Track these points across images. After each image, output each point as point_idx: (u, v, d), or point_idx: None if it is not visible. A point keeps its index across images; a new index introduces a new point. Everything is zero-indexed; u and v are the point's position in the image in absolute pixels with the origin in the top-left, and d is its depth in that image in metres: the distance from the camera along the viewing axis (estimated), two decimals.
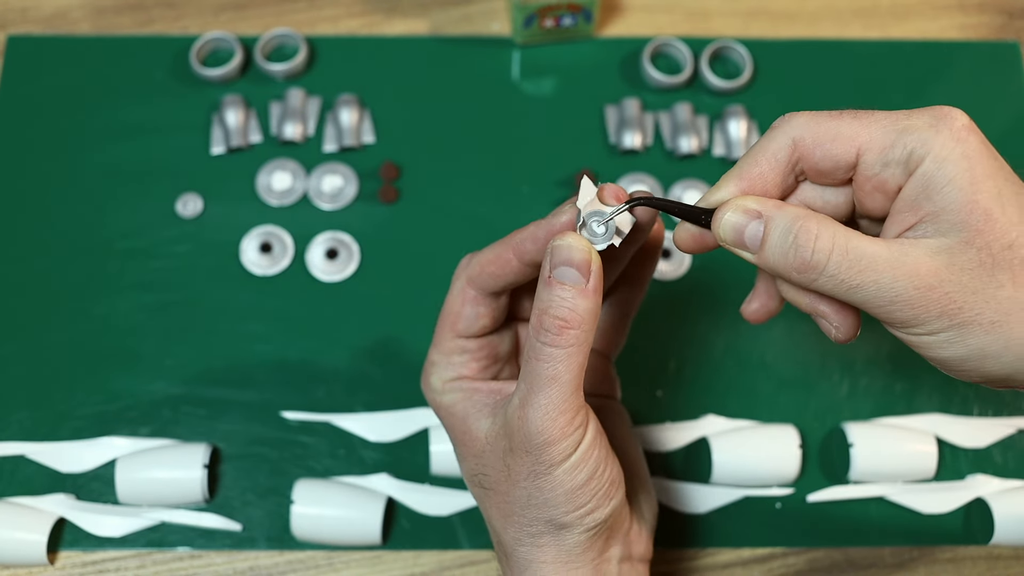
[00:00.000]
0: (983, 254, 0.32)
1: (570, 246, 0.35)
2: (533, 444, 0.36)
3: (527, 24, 0.65)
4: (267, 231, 0.62)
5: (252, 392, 0.58)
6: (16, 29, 0.67)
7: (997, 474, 0.56)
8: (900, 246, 0.33)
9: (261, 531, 0.55)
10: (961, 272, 0.32)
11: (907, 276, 0.32)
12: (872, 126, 0.34)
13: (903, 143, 0.33)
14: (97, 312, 0.59)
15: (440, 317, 0.42)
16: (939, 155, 0.32)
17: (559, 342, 0.35)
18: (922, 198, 0.33)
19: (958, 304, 0.32)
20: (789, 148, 0.35)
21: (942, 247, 0.32)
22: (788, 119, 0.35)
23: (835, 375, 0.59)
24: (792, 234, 0.34)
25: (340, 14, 0.69)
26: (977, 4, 0.70)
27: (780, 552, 0.55)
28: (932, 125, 0.33)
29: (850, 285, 0.33)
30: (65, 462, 0.55)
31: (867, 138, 0.34)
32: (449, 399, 0.41)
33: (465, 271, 0.41)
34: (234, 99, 0.64)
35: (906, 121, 0.33)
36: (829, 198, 0.37)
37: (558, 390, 0.36)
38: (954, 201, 0.32)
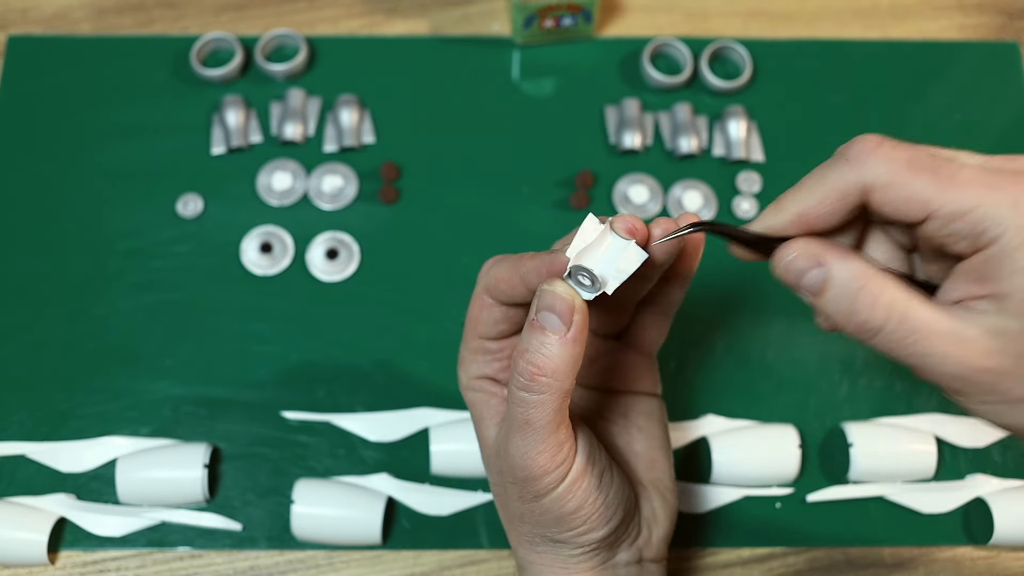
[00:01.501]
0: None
1: (554, 293, 0.35)
2: (517, 477, 0.38)
3: (527, 24, 0.65)
4: (267, 231, 0.62)
5: (252, 392, 0.58)
6: (17, 29, 0.68)
7: (997, 474, 0.56)
8: (958, 321, 0.32)
9: (261, 531, 0.55)
10: (1017, 359, 0.32)
11: (961, 355, 0.32)
12: (949, 192, 0.31)
13: (977, 218, 0.31)
14: (97, 312, 0.60)
15: (467, 315, 0.43)
16: (1012, 242, 0.31)
17: (532, 388, 0.35)
18: (988, 275, 0.32)
19: (1009, 386, 0.32)
20: (859, 192, 0.33)
21: (1000, 330, 0.32)
22: (865, 157, 0.32)
23: (835, 375, 0.59)
24: (852, 293, 0.33)
25: (340, 14, 0.69)
26: (976, 4, 0.70)
27: (780, 552, 0.55)
28: (1013, 204, 0.30)
29: (903, 352, 0.33)
30: (65, 462, 0.55)
31: (940, 205, 0.31)
32: (472, 396, 0.42)
33: (482, 280, 0.41)
34: (234, 99, 0.64)
35: (985, 191, 0.31)
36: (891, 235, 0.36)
37: (532, 434, 0.36)
38: (1020, 289, 0.31)
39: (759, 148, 0.65)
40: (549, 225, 0.62)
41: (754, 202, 0.63)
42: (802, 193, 0.34)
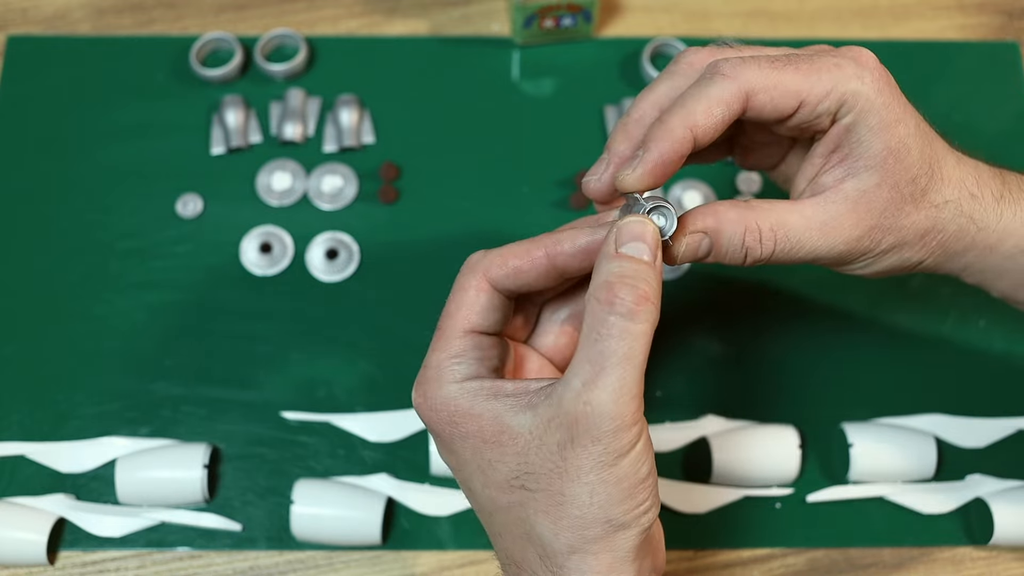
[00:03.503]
0: (892, 192, 0.38)
1: (642, 222, 0.35)
2: (603, 431, 0.33)
3: (527, 24, 0.65)
4: (267, 231, 0.62)
5: (252, 392, 0.58)
6: (16, 29, 0.68)
7: (997, 474, 0.56)
8: (826, 205, 0.38)
9: (261, 531, 0.55)
10: (880, 215, 0.38)
11: (837, 236, 0.38)
12: (811, 77, 0.36)
13: (836, 94, 0.36)
14: (97, 312, 0.59)
15: (444, 318, 0.38)
16: (864, 107, 0.37)
17: (638, 315, 0.33)
18: (843, 143, 0.38)
19: (876, 242, 0.39)
20: (741, 99, 0.36)
21: (859, 193, 0.38)
22: (737, 68, 0.36)
23: (835, 375, 0.59)
24: (741, 241, 0.37)
25: (340, 14, 0.69)
26: (976, 4, 0.70)
27: (780, 552, 0.55)
28: (857, 75, 0.37)
29: (795, 259, 0.39)
30: (65, 462, 0.55)
31: (807, 90, 0.36)
32: (469, 401, 0.36)
33: (480, 264, 0.38)
34: (234, 99, 0.64)
35: (837, 72, 0.37)
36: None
37: (632, 371, 0.33)
38: (871, 147, 0.37)
39: None
40: (549, 225, 0.61)
41: None
42: (687, 109, 0.36)
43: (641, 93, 0.40)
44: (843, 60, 0.37)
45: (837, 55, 0.37)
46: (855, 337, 0.60)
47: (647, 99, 0.40)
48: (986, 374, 0.59)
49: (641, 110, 0.39)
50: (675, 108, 0.36)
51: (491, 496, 0.36)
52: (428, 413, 0.37)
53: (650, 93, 0.40)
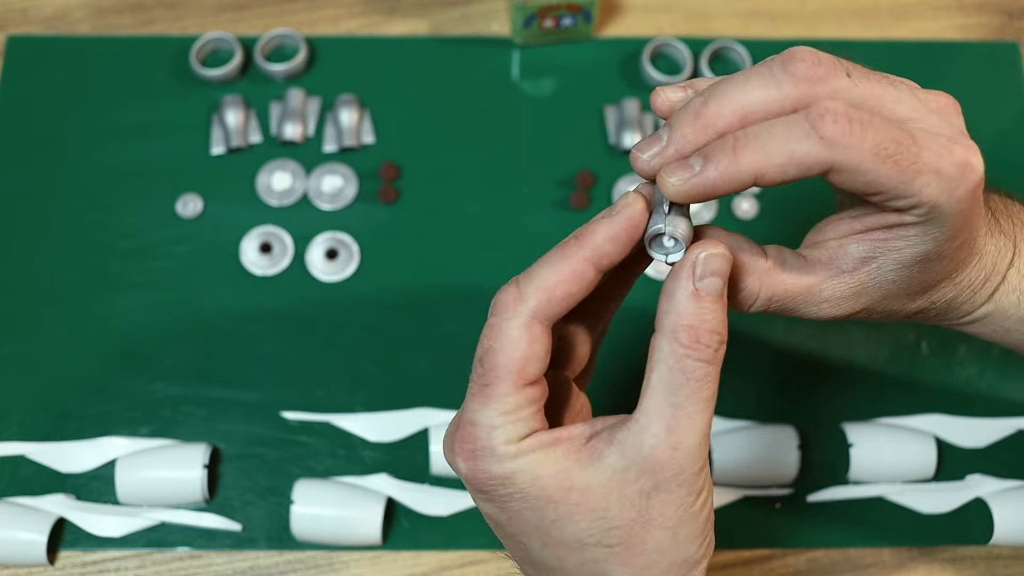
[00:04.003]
0: (904, 289, 0.37)
1: (724, 256, 0.33)
2: (689, 474, 0.32)
3: (527, 24, 0.65)
4: (267, 231, 0.62)
5: (252, 392, 0.58)
6: (16, 29, 0.68)
7: (997, 474, 0.56)
8: (832, 284, 0.37)
9: (261, 531, 0.55)
10: (879, 301, 0.37)
11: (830, 311, 0.37)
12: (905, 177, 0.32)
13: (917, 199, 0.33)
14: (97, 312, 0.59)
15: (488, 368, 0.33)
16: (935, 219, 0.34)
17: (716, 359, 0.32)
18: (896, 233, 0.35)
19: (865, 316, 0.38)
20: (823, 169, 0.32)
21: (874, 282, 0.36)
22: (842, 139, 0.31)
23: (835, 375, 0.59)
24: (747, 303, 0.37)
25: (340, 14, 0.69)
26: (977, 4, 0.70)
27: (780, 552, 0.55)
28: (951, 190, 0.32)
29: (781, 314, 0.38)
30: (65, 462, 0.55)
31: (894, 189, 0.32)
32: (529, 461, 0.33)
33: (524, 304, 0.33)
34: (234, 99, 0.64)
35: (930, 179, 0.32)
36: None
37: (712, 412, 0.33)
38: (914, 249, 0.35)
39: None
40: (549, 225, 0.62)
41: (754, 202, 0.63)
42: (765, 153, 0.32)
43: (731, 85, 0.33)
44: (948, 165, 0.32)
45: (949, 156, 0.32)
46: (855, 337, 0.60)
47: (735, 99, 0.33)
48: (986, 374, 0.59)
49: (723, 109, 0.33)
50: (752, 143, 0.32)
51: (556, 555, 0.34)
52: (478, 477, 0.34)
53: (741, 94, 0.33)
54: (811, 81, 0.32)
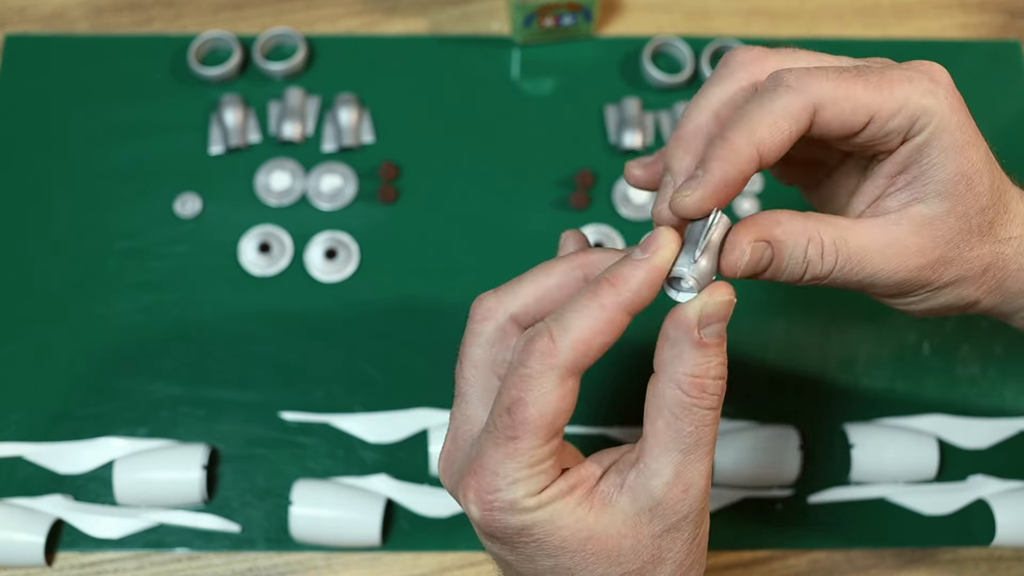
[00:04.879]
0: (961, 221, 0.35)
1: (729, 302, 0.32)
2: (696, 512, 0.33)
3: (527, 23, 0.65)
4: (266, 231, 0.61)
5: (251, 393, 0.58)
6: (14, 28, 0.67)
7: (999, 475, 0.56)
8: (888, 228, 0.35)
9: (260, 532, 0.54)
10: (945, 245, 0.35)
11: (900, 263, 0.35)
12: (883, 90, 0.33)
13: (909, 110, 0.33)
14: (95, 312, 0.59)
15: (518, 423, 0.32)
16: (938, 126, 0.33)
17: (719, 403, 0.33)
18: (912, 164, 0.34)
19: (938, 275, 0.36)
20: (809, 113, 0.33)
21: (927, 220, 0.35)
22: (803, 79, 0.33)
23: (836, 376, 0.59)
24: (803, 254, 0.34)
25: (339, 13, 0.69)
26: (978, 3, 0.70)
27: (781, 553, 0.55)
28: (931, 91, 0.34)
29: (853, 281, 0.35)
30: (63, 463, 0.55)
31: (879, 104, 0.33)
32: (548, 512, 0.32)
33: (559, 357, 0.31)
34: (233, 98, 0.64)
35: (910, 86, 0.33)
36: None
37: (713, 453, 0.33)
38: (943, 170, 0.34)
39: None
40: (549, 225, 0.62)
41: (755, 201, 0.63)
42: (751, 124, 0.33)
43: (693, 100, 0.36)
44: (915, 74, 0.34)
45: (909, 68, 0.34)
46: (856, 337, 0.60)
47: (701, 106, 0.35)
48: (988, 374, 0.59)
49: (696, 120, 0.35)
50: (737, 123, 0.33)
51: None
52: (492, 527, 0.33)
53: (703, 99, 0.35)
54: (756, 61, 0.35)
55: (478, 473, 0.33)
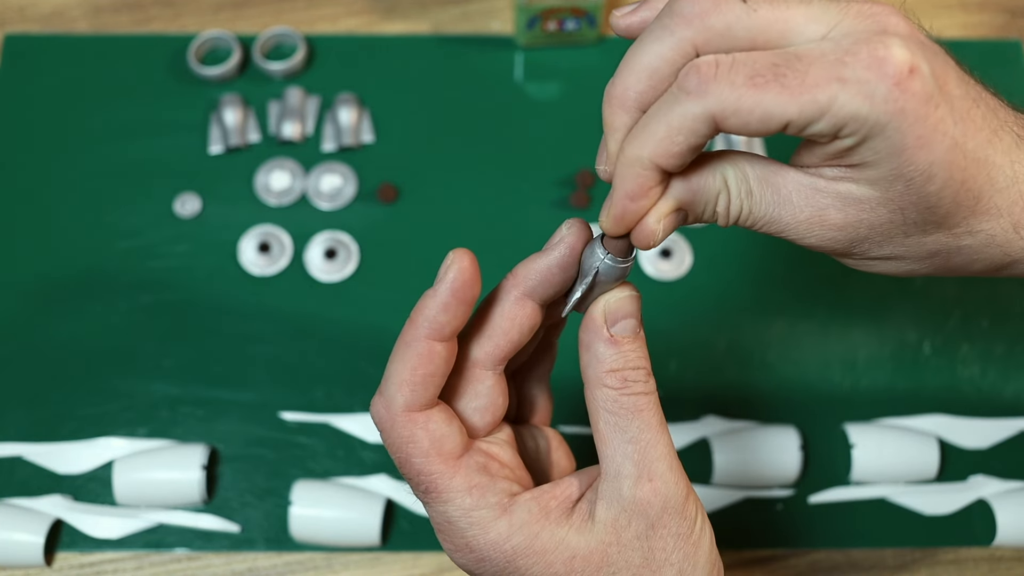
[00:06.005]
0: (895, 215, 0.31)
1: (629, 297, 0.33)
2: (676, 502, 0.33)
3: (530, 26, 0.65)
4: (265, 231, 0.61)
5: (251, 393, 0.57)
6: (14, 28, 0.67)
7: (999, 475, 0.56)
8: (809, 192, 0.32)
9: (259, 532, 0.54)
10: (870, 228, 0.32)
11: (811, 228, 0.32)
12: (801, 97, 0.28)
13: (831, 119, 0.29)
14: (94, 312, 0.59)
15: (415, 476, 0.33)
16: (869, 133, 0.29)
17: (649, 388, 0.33)
18: (844, 157, 0.30)
19: (863, 251, 0.33)
20: (708, 124, 0.30)
21: (853, 199, 0.31)
22: (706, 86, 0.29)
23: (836, 375, 0.59)
24: (715, 199, 0.32)
25: (339, 13, 0.69)
26: (978, 3, 0.70)
27: (781, 553, 0.55)
28: (866, 93, 0.28)
29: (758, 230, 0.33)
30: (62, 463, 0.55)
31: (794, 114, 0.29)
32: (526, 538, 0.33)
33: (392, 407, 0.33)
34: (232, 98, 0.64)
35: (839, 89, 0.28)
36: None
37: (667, 436, 0.33)
38: (876, 168, 0.30)
39: (760, 147, 0.64)
40: (549, 225, 0.62)
41: None
42: (646, 134, 0.30)
43: (631, 52, 0.32)
44: (852, 69, 0.28)
45: (850, 58, 0.28)
46: (856, 337, 0.60)
47: (636, 64, 0.32)
48: (989, 374, 0.59)
49: (628, 80, 0.32)
50: (635, 133, 0.31)
51: None
52: (482, 566, 0.33)
53: (640, 56, 0.32)
54: (700, 16, 0.30)
55: (441, 530, 0.33)
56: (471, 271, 0.33)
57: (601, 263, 0.33)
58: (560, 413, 0.53)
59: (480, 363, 0.35)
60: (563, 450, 0.39)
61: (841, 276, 0.61)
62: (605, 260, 0.33)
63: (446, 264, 0.33)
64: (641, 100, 0.32)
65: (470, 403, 0.35)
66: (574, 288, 0.34)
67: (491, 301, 0.35)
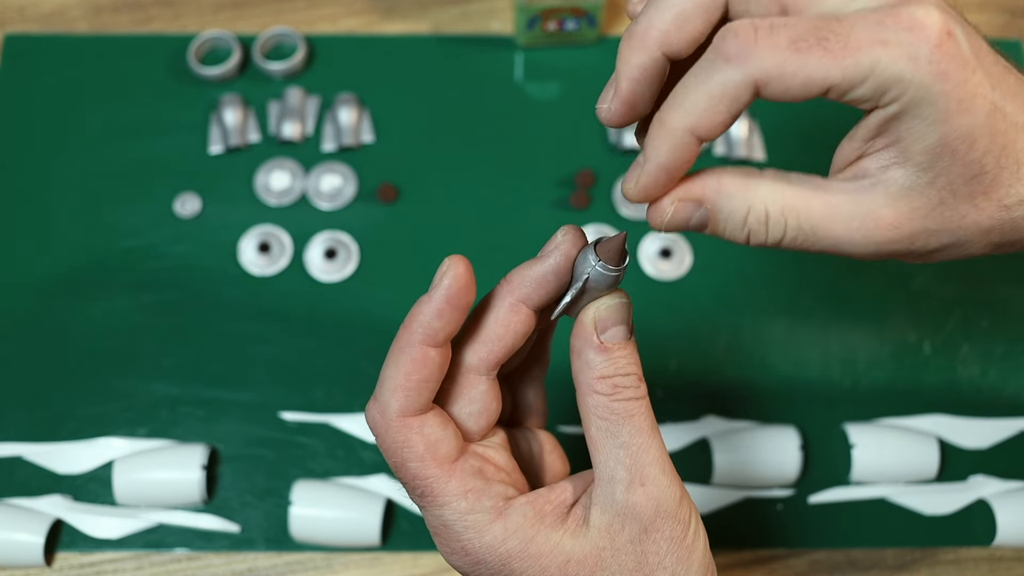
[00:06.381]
0: (945, 192, 0.30)
1: (619, 305, 0.33)
2: (669, 506, 0.33)
3: (530, 26, 0.65)
4: (265, 231, 0.61)
5: (250, 393, 0.57)
6: (14, 27, 0.67)
7: (999, 475, 0.56)
8: (858, 196, 0.31)
9: (259, 532, 0.54)
10: (925, 218, 0.31)
11: (869, 236, 0.31)
12: (844, 60, 0.28)
13: (877, 81, 0.29)
14: (94, 312, 0.59)
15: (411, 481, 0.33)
16: (913, 96, 0.29)
17: (640, 393, 0.33)
18: (888, 130, 0.30)
19: (921, 244, 0.32)
20: (750, 90, 0.29)
21: (902, 190, 0.31)
22: (748, 51, 0.29)
23: (836, 375, 0.59)
24: (742, 219, 0.31)
25: (339, 12, 0.69)
26: (979, 3, 0.70)
27: (782, 553, 0.55)
28: (909, 55, 0.28)
29: (814, 250, 0.32)
30: (62, 463, 0.55)
31: (837, 77, 0.29)
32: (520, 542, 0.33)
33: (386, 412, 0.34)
34: (232, 98, 0.64)
35: (881, 51, 0.28)
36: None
37: (659, 440, 0.33)
38: (923, 139, 0.29)
39: (760, 147, 0.64)
40: (549, 224, 0.62)
41: None
42: (686, 106, 0.30)
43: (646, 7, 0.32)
44: (894, 31, 0.28)
45: (891, 20, 0.28)
46: (856, 337, 0.60)
47: (663, 3, 0.31)
48: (989, 374, 0.59)
49: (651, 19, 0.32)
50: (673, 100, 0.30)
51: None
52: (478, 568, 0.33)
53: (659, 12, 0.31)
54: None
55: (438, 534, 0.33)
56: (466, 278, 0.33)
57: (592, 270, 0.33)
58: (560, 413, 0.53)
59: (474, 368, 0.35)
60: (557, 453, 0.39)
61: (841, 276, 0.61)
62: (596, 267, 0.32)
63: (441, 270, 0.33)
64: (664, 40, 0.31)
65: (464, 408, 0.35)
66: (565, 294, 0.34)
67: (485, 307, 0.35)
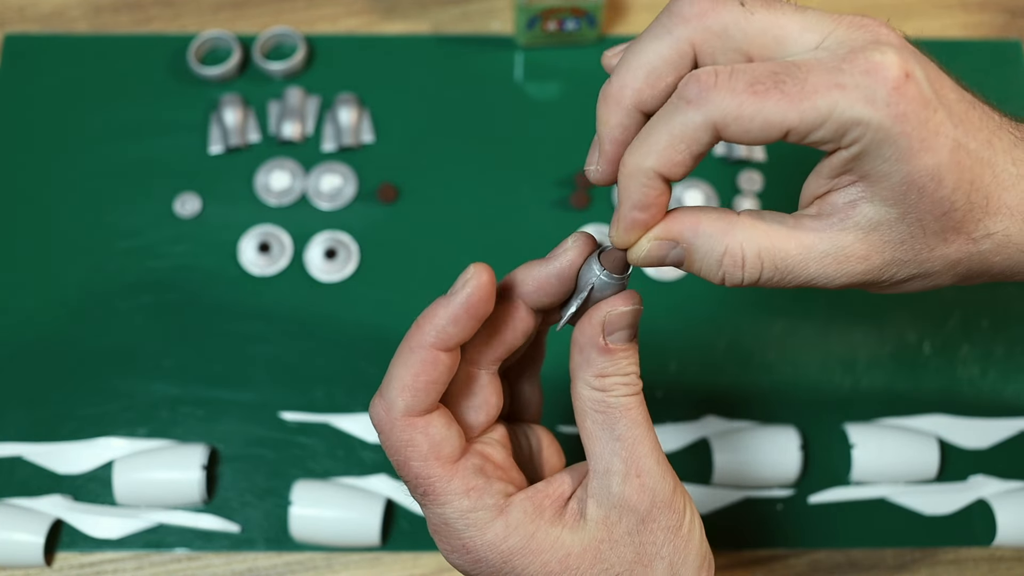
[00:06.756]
0: (914, 227, 0.31)
1: (633, 311, 0.33)
2: (664, 497, 0.33)
3: (530, 26, 0.65)
4: (265, 231, 0.61)
5: (250, 393, 0.57)
6: (14, 27, 0.67)
7: (999, 475, 0.56)
8: (829, 234, 0.32)
9: (259, 532, 0.54)
10: (895, 250, 0.32)
11: (840, 269, 0.32)
12: (801, 104, 0.29)
13: (836, 124, 0.29)
14: (94, 312, 0.59)
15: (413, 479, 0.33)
16: (873, 138, 0.29)
17: (636, 389, 0.34)
18: (853, 168, 0.31)
19: (890, 275, 0.33)
20: (710, 132, 0.30)
21: (872, 224, 0.31)
22: (706, 95, 0.29)
23: (836, 375, 0.59)
24: (718, 263, 0.32)
25: (339, 12, 0.69)
26: (979, 3, 0.70)
27: (782, 553, 0.55)
28: (867, 98, 0.29)
29: (790, 286, 0.33)
30: (62, 463, 0.55)
31: (795, 120, 0.29)
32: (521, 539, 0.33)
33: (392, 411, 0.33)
34: (232, 98, 0.64)
35: (839, 95, 0.29)
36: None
37: (653, 433, 0.34)
38: (888, 178, 0.30)
39: (760, 147, 0.64)
40: (549, 225, 0.62)
41: (755, 201, 0.63)
42: (648, 146, 0.31)
43: (629, 51, 0.32)
44: (851, 75, 0.29)
45: (848, 64, 0.29)
46: (856, 337, 0.60)
47: (634, 63, 0.32)
48: (989, 374, 0.59)
49: (626, 79, 0.32)
50: (637, 144, 0.31)
51: None
52: (479, 566, 0.33)
53: (639, 55, 0.32)
54: (699, 16, 0.31)
55: (439, 532, 0.34)
56: (488, 288, 0.33)
57: (597, 278, 0.33)
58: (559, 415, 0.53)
59: (475, 363, 0.35)
60: (554, 448, 0.39)
61: None
62: (600, 276, 0.33)
63: (464, 277, 0.33)
64: (638, 98, 0.32)
65: (465, 402, 0.35)
66: (570, 302, 0.34)
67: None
